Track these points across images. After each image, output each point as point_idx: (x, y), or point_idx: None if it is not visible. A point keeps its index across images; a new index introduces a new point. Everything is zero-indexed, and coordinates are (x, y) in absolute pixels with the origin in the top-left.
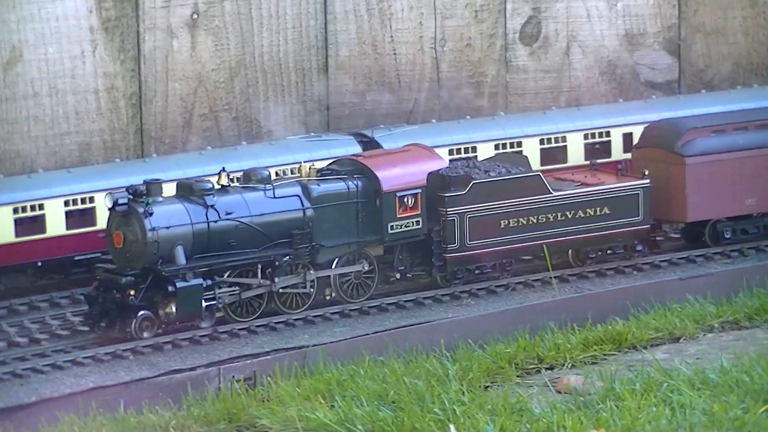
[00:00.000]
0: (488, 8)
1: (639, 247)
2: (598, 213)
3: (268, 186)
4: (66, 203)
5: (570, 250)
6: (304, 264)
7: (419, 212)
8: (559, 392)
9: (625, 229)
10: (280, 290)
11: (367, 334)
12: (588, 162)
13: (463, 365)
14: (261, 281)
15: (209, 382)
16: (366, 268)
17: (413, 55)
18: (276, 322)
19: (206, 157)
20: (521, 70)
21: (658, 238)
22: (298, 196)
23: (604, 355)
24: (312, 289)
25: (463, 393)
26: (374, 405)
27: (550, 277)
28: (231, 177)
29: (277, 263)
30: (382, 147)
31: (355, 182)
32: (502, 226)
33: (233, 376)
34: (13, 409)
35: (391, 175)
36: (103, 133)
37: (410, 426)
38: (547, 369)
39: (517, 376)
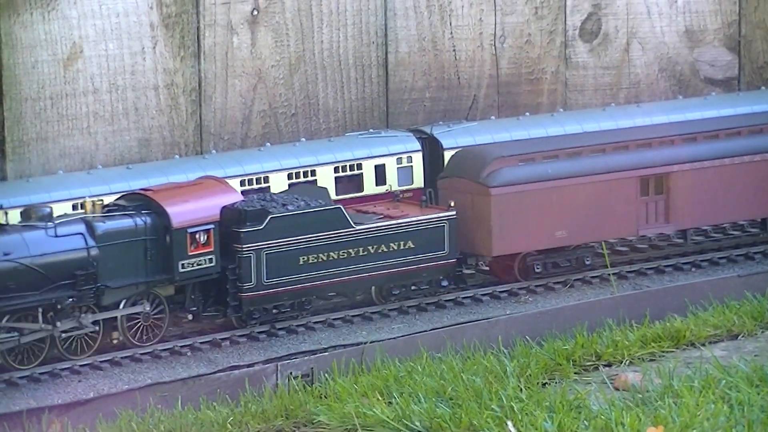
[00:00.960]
0: (548, 5)
1: (444, 283)
2: (401, 247)
3: (50, 224)
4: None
5: (373, 287)
6: (88, 306)
7: (212, 249)
8: (617, 389)
9: (430, 264)
10: (63, 334)
11: (425, 331)
12: (389, 192)
13: (521, 362)
14: (42, 325)
15: (267, 379)
16: (148, 309)
17: (473, 52)
18: (334, 319)
19: (265, 153)
20: (581, 67)
21: (466, 272)
22: (81, 234)
23: (662, 352)
24: (97, 333)
25: (521, 390)
26: (432, 402)
27: (609, 274)
28: (8, 215)
29: (59, 306)
30: (441, 144)
31: (143, 218)
32: (301, 262)
33: (291, 373)
34: (71, 405)
35: (181, 210)
36: (162, 130)
37: (468, 423)
38: (605, 366)
39: (575, 373)
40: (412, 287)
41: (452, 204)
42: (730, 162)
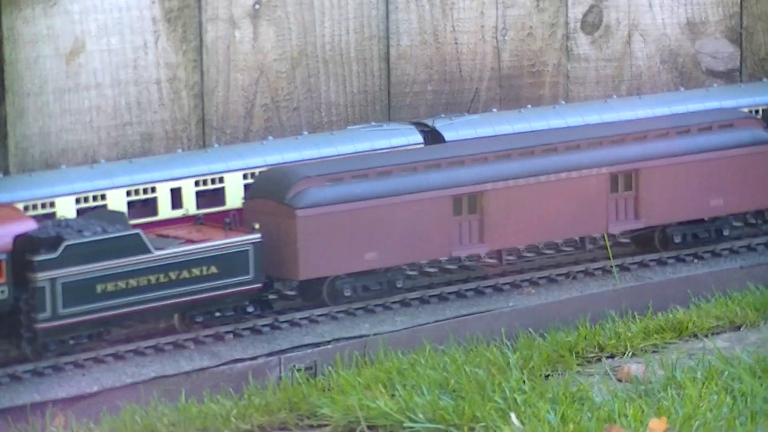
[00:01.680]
0: None
1: (251, 309)
2: (203, 273)
3: None
4: (128, 193)
5: (176, 315)
6: None
7: (4, 280)
8: (620, 381)
9: (234, 290)
10: None
11: (428, 323)
12: (189, 215)
13: (524, 354)
14: None
15: (270, 372)
16: None
17: (474, 45)
18: (336, 312)
19: (268, 147)
20: (582, 59)
21: (271, 298)
22: None
23: (665, 343)
24: None
25: (524, 382)
26: (435, 394)
27: (611, 266)
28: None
29: None
30: (443, 137)
31: None
32: (99, 290)
33: (294, 366)
34: (75, 398)
35: None
36: (165, 124)
37: (471, 415)
38: (607, 357)
39: (578, 365)
40: (217, 314)
41: (257, 227)
42: (546, 179)
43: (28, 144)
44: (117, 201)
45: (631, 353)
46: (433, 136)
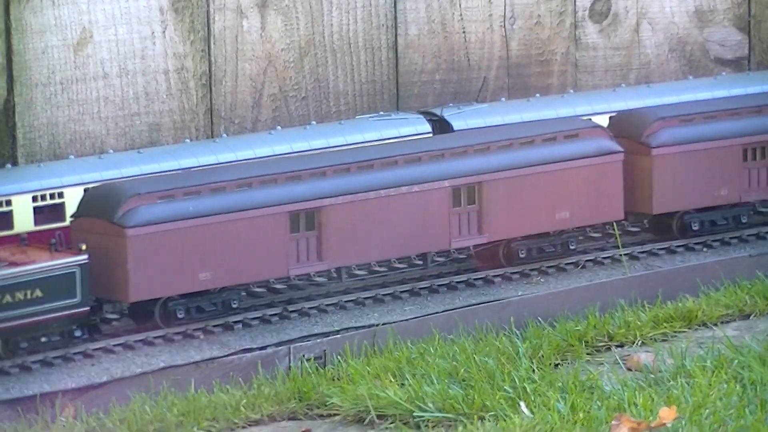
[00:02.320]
0: None
1: (78, 333)
2: (27, 297)
3: None
4: None
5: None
6: None
7: None
8: (630, 369)
9: (60, 314)
10: None
11: (437, 313)
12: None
13: (533, 343)
14: None
15: (279, 362)
16: None
17: (482, 34)
18: (346, 301)
19: (276, 137)
20: (591, 48)
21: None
22: None
23: (675, 332)
24: None
25: (534, 371)
26: (444, 383)
27: (620, 255)
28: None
29: None
30: (451, 126)
31: None
32: None
33: (303, 355)
34: (84, 388)
35: None
36: (173, 114)
37: (480, 404)
38: (617, 346)
39: (588, 354)
40: (42, 339)
41: (84, 247)
42: (386, 194)
43: (35, 135)
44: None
45: (640, 342)
46: (441, 126)
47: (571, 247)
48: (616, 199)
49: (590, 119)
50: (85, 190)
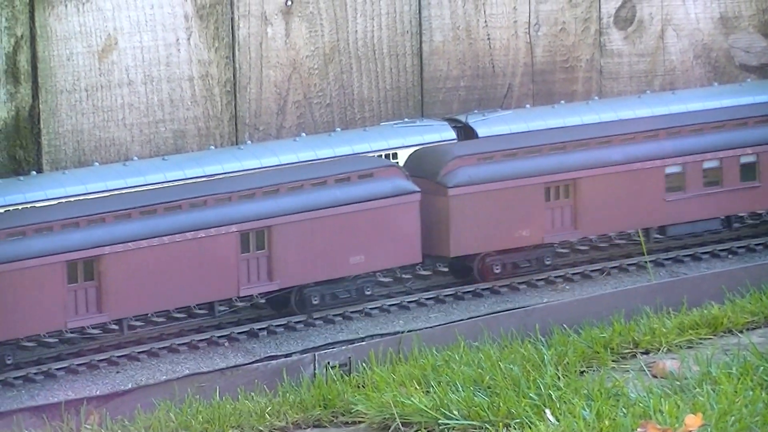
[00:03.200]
0: None
1: None
2: None
3: None
4: None
5: None
6: None
7: None
8: (655, 377)
9: None
10: None
11: (462, 320)
12: None
13: (559, 350)
14: None
15: (304, 369)
16: None
17: (507, 40)
18: (371, 308)
19: (300, 143)
20: (615, 54)
21: None
22: None
23: (700, 339)
24: None
25: (559, 378)
26: (470, 390)
27: (645, 262)
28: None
29: None
30: (476, 132)
31: None
32: None
33: (328, 362)
34: (109, 396)
35: None
36: (197, 121)
37: (506, 411)
38: (642, 353)
39: (613, 361)
40: None
41: None
42: (170, 240)
43: (60, 141)
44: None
45: (666, 349)
46: (466, 132)
47: (367, 293)
48: (413, 241)
49: (385, 157)
50: None
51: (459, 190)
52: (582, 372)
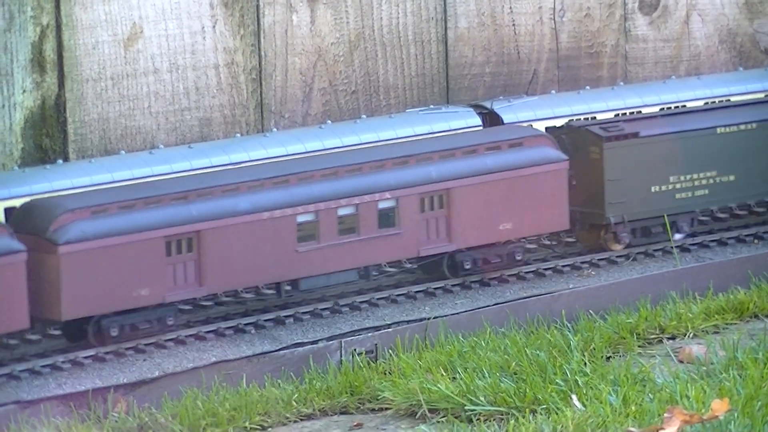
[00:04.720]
0: None
1: None
2: None
3: None
4: None
5: None
6: None
7: None
8: (682, 362)
9: None
10: None
11: (488, 306)
12: None
13: (585, 336)
14: None
15: (331, 356)
16: None
17: (532, 26)
18: (397, 295)
19: (326, 131)
20: (641, 40)
21: None
22: None
23: (726, 324)
24: None
25: (585, 364)
26: (496, 376)
27: (671, 247)
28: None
29: None
30: (501, 119)
31: None
32: None
33: (355, 349)
34: (136, 384)
35: None
36: (223, 108)
37: (532, 397)
38: (668, 339)
39: (639, 346)
40: None
41: None
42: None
43: (86, 130)
44: None
45: (692, 334)
46: (491, 119)
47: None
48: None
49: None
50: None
51: (70, 247)
52: (608, 357)
